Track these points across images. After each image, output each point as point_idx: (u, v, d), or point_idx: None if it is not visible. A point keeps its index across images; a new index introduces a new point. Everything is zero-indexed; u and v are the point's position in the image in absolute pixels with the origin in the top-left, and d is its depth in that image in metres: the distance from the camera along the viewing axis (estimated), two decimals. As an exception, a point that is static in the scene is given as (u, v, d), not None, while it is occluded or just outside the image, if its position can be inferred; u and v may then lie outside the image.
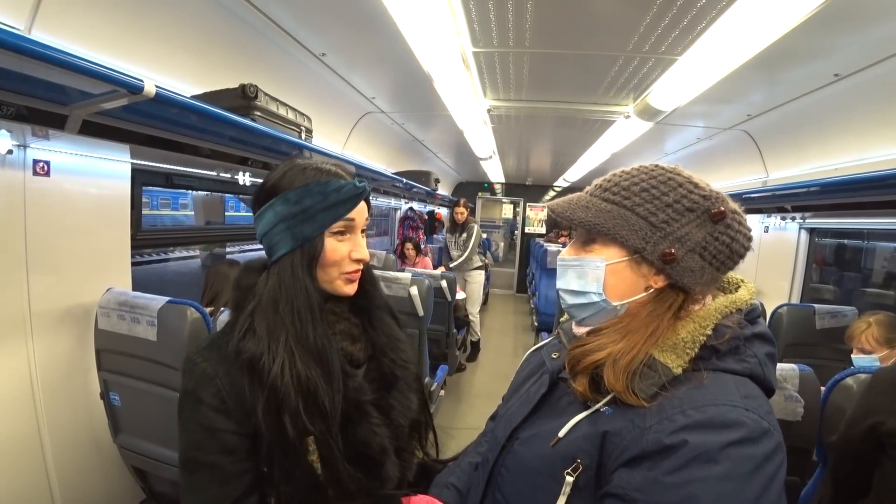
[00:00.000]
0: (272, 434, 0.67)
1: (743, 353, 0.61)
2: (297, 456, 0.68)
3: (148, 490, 1.68)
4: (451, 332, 3.27)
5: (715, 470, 0.50)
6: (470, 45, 2.21)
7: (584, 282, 0.70)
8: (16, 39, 0.93)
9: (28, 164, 1.41)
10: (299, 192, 0.74)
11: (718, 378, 0.59)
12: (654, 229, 0.65)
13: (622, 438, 0.57)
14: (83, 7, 1.40)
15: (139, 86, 1.16)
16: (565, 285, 0.73)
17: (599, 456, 0.59)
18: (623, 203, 0.67)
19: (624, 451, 0.56)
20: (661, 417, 0.55)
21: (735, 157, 3.74)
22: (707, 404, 0.55)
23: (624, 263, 0.67)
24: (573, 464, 0.60)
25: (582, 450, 0.60)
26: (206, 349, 0.74)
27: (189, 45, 1.84)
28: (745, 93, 2.63)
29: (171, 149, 1.75)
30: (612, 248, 0.68)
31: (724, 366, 0.60)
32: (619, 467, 0.56)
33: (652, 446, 0.54)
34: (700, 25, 1.83)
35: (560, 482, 0.60)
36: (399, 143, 4.72)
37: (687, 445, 0.52)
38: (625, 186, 0.68)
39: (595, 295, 0.68)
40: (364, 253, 0.79)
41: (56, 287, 1.53)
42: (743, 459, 0.51)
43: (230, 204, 9.87)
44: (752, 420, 0.53)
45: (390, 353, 0.84)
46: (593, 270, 0.69)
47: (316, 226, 0.74)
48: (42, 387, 1.49)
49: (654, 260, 0.64)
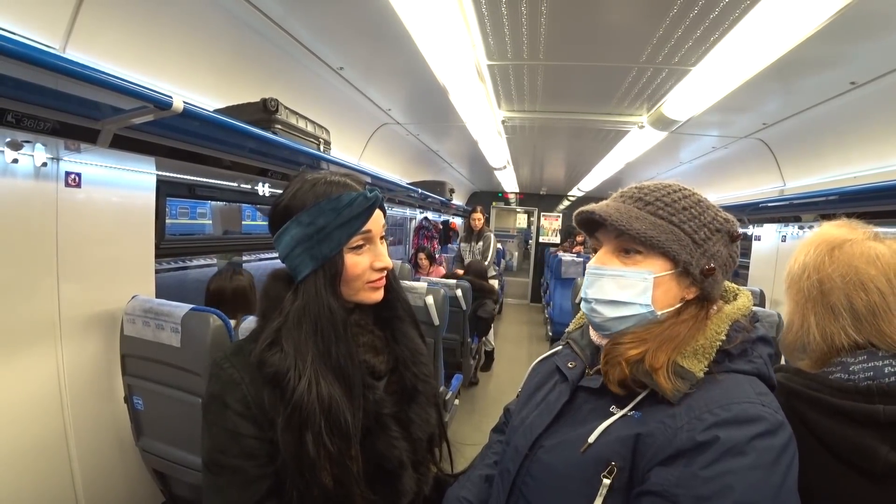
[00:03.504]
0: (290, 450, 0.69)
1: (751, 355, 0.67)
2: (314, 474, 0.69)
3: (168, 493, 1.71)
4: (466, 342, 3.27)
5: (745, 461, 0.54)
6: (485, 57, 2.24)
7: (628, 292, 0.71)
8: (52, 59, 0.98)
9: (61, 175, 1.47)
10: (311, 213, 0.74)
11: (733, 378, 0.63)
12: (696, 246, 0.70)
13: (655, 439, 0.61)
14: (113, 27, 1.47)
15: (168, 102, 1.21)
16: (601, 295, 0.73)
17: (632, 457, 0.62)
18: (671, 219, 0.70)
19: (658, 451, 0.60)
20: (690, 417, 0.60)
21: (750, 165, 3.71)
22: (730, 402, 0.59)
23: (669, 276, 0.70)
24: (608, 466, 0.62)
25: (616, 452, 0.63)
26: (234, 355, 0.76)
27: (212, 61, 1.91)
28: (760, 102, 2.62)
29: (194, 161, 1.81)
30: (658, 260, 0.70)
31: (736, 367, 0.65)
32: (654, 466, 0.60)
33: (686, 444, 0.58)
34: (713, 36, 1.84)
35: (594, 486, 0.62)
36: (414, 154, 4.77)
37: (719, 441, 0.56)
38: (668, 203, 0.71)
39: (642, 306, 0.70)
40: (386, 261, 0.79)
41: (84, 294, 1.58)
42: (766, 450, 0.55)
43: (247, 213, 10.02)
44: (770, 414, 0.58)
45: (412, 366, 0.85)
46: (641, 282, 0.70)
47: (333, 244, 0.74)
48: (69, 390, 1.54)
49: (696, 274, 0.69)
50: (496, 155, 4.76)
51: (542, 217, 9.33)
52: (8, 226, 1.35)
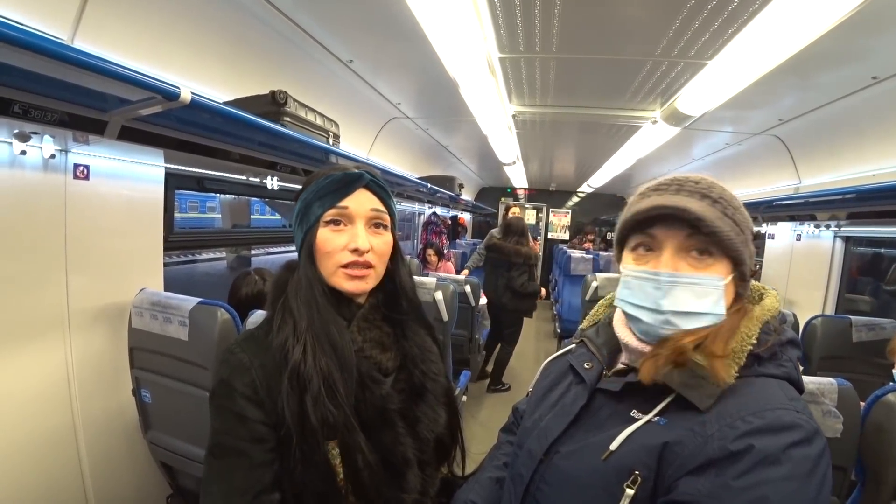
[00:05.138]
0: (294, 418, 0.68)
1: (780, 359, 0.64)
2: (317, 441, 0.68)
3: (174, 485, 1.72)
4: (475, 338, 3.26)
5: (780, 471, 0.52)
6: (496, 50, 2.21)
7: (705, 302, 0.65)
8: (61, 49, 0.97)
9: (69, 168, 1.46)
10: (305, 192, 0.80)
11: (763, 383, 0.61)
12: (745, 246, 0.67)
13: (684, 447, 0.57)
14: (121, 18, 1.45)
15: (176, 93, 1.19)
16: (678, 306, 0.65)
17: (658, 466, 0.59)
18: (735, 218, 0.67)
19: (687, 460, 0.57)
20: (721, 425, 0.56)
21: (765, 162, 3.65)
22: (763, 409, 0.56)
23: (731, 279, 0.67)
24: (631, 476, 0.60)
25: (640, 461, 0.60)
26: (245, 341, 0.77)
27: (220, 52, 1.89)
28: (776, 97, 2.56)
29: (203, 153, 1.80)
30: (724, 263, 0.66)
31: (766, 371, 0.62)
32: (683, 476, 0.56)
33: (718, 453, 0.55)
34: (731, 29, 1.80)
35: (616, 495, 0.60)
36: (423, 149, 4.75)
37: (753, 450, 0.53)
38: (729, 200, 0.68)
39: (715, 316, 0.65)
40: (360, 243, 0.76)
41: (93, 286, 1.58)
42: (802, 460, 0.53)
43: (255, 207, 10.07)
44: (805, 421, 0.56)
45: (421, 364, 0.84)
46: (714, 290, 0.66)
47: (312, 217, 0.77)
48: (78, 382, 1.54)
49: (748, 275, 0.68)
50: (506, 150, 4.73)
51: (551, 213, 9.29)
52: (17, 218, 1.35)
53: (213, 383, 0.74)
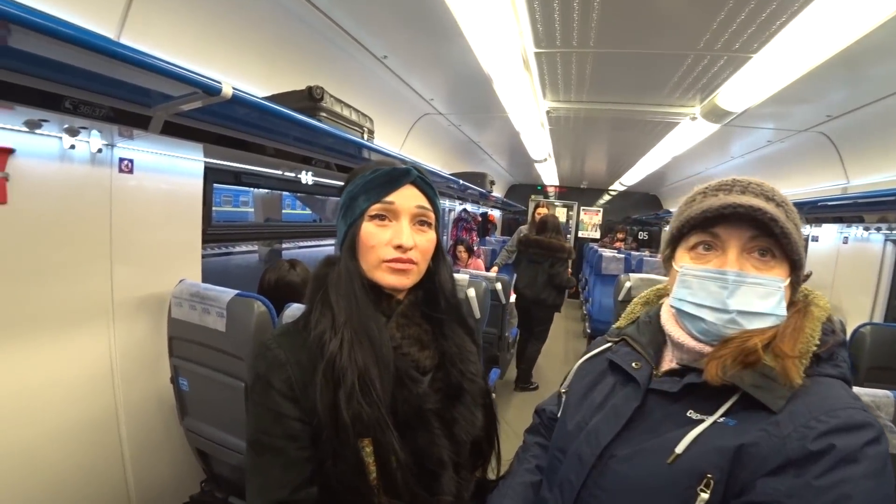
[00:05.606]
0: (326, 412, 0.68)
1: (837, 359, 0.65)
2: (348, 437, 0.67)
3: (209, 472, 1.76)
4: (504, 335, 3.25)
5: (859, 469, 0.52)
6: (532, 45, 2.18)
7: (768, 302, 0.65)
8: (112, 45, 1.00)
9: (115, 161, 1.51)
10: (349, 186, 0.79)
11: (827, 383, 0.61)
12: (804, 250, 0.68)
13: (759, 448, 0.57)
14: (165, 16, 1.49)
15: (217, 88, 1.21)
16: (746, 306, 0.65)
17: (731, 468, 0.58)
18: (796, 222, 0.67)
19: (764, 461, 0.56)
20: (797, 425, 0.56)
21: (810, 161, 3.49)
22: (835, 409, 0.56)
23: (789, 281, 0.67)
24: (703, 479, 0.58)
25: (712, 464, 0.58)
26: (281, 336, 0.76)
27: (258, 49, 1.92)
28: (824, 92, 2.44)
29: (240, 148, 1.83)
30: (784, 266, 0.67)
31: (824, 372, 0.63)
32: (760, 477, 0.56)
33: (797, 453, 0.54)
34: (779, 20, 1.71)
35: (687, 499, 0.59)
36: (455, 145, 4.74)
37: (834, 449, 0.53)
38: (787, 203, 0.69)
39: (776, 318, 0.65)
40: (404, 239, 0.75)
41: (135, 277, 1.63)
42: (877, 457, 0.54)
43: (286, 202, 10.26)
44: (874, 420, 0.56)
45: (459, 363, 0.81)
46: (777, 291, 0.66)
47: (357, 211, 0.76)
48: (120, 369, 1.59)
49: (802, 278, 0.68)
50: (538, 147, 4.68)
51: (582, 211, 9.15)
52: (66, 210, 1.40)
53: (249, 377, 0.75)
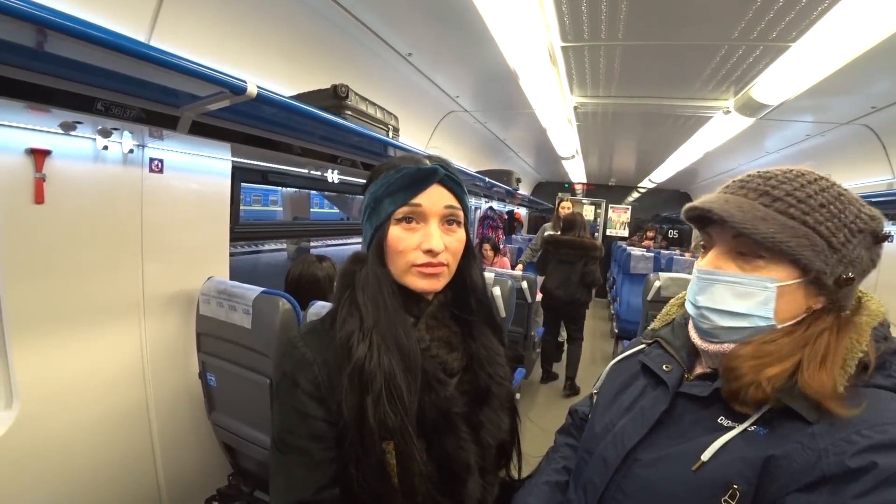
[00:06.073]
0: (352, 416, 0.67)
1: (889, 369, 0.59)
2: (373, 442, 0.66)
3: (236, 466, 1.79)
4: (530, 335, 3.21)
5: None
6: (559, 39, 2.13)
7: (746, 303, 0.62)
8: (142, 48, 1.02)
9: (145, 162, 1.54)
10: (374, 185, 0.76)
11: (875, 395, 0.55)
12: (832, 251, 0.60)
13: (791, 461, 0.53)
14: (193, 18, 1.52)
15: (243, 87, 1.23)
16: (715, 304, 0.64)
17: (758, 480, 0.55)
18: (804, 219, 0.60)
19: (796, 475, 0.52)
20: (835, 438, 0.52)
21: (852, 155, 3.32)
22: (882, 423, 0.51)
23: (796, 285, 0.61)
24: (728, 490, 0.55)
25: (739, 474, 0.55)
26: (308, 334, 0.75)
27: (283, 49, 1.94)
28: (868, 82, 2.31)
29: (267, 147, 1.85)
30: (785, 267, 0.61)
31: (874, 381, 0.57)
32: (791, 492, 0.52)
33: (834, 469, 0.50)
34: (821, 6, 1.63)
35: None
36: (481, 142, 4.71)
37: (877, 468, 0.48)
38: (802, 198, 0.61)
39: (761, 319, 0.61)
40: (434, 243, 0.72)
41: (165, 274, 1.67)
42: None
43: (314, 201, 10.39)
44: None
45: (487, 366, 0.80)
46: (761, 291, 0.61)
47: (383, 214, 0.73)
48: (151, 363, 1.63)
49: (830, 283, 0.60)
50: (565, 143, 4.61)
51: (610, 209, 8.99)
52: (100, 209, 1.44)
53: (275, 375, 0.74)
